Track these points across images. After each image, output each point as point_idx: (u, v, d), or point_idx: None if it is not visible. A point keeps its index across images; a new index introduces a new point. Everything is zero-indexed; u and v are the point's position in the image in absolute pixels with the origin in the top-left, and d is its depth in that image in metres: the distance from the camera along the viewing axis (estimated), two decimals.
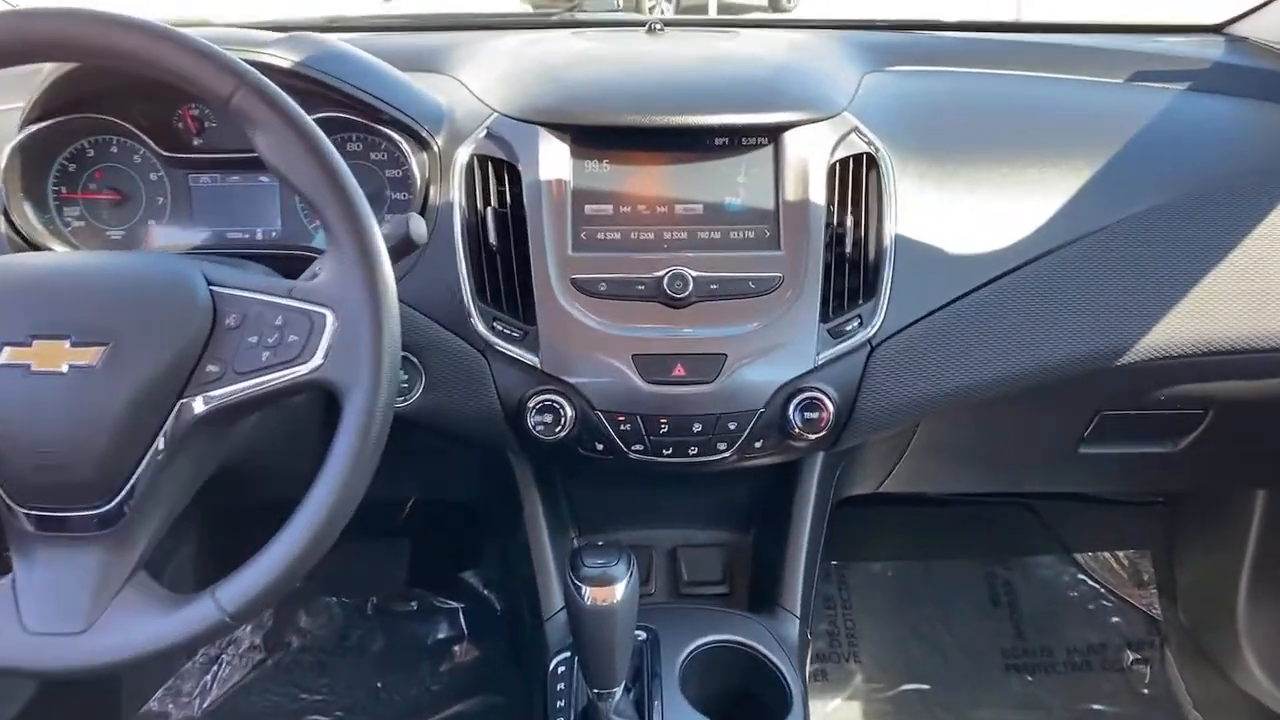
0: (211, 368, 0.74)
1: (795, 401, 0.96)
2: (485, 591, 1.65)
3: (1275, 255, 1.04)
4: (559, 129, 1.00)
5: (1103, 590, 1.72)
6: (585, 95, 1.02)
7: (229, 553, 0.80)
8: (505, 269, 0.98)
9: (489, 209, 0.99)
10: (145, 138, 1.03)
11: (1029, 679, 1.63)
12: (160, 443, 0.74)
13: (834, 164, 1.00)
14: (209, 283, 0.76)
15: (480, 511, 1.53)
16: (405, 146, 1.02)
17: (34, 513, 0.74)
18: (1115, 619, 1.69)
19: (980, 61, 1.25)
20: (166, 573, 1.46)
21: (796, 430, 0.96)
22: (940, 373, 1.00)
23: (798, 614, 1.07)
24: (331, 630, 1.59)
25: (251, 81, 0.73)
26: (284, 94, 0.74)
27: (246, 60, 0.78)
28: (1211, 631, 1.57)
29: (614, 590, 0.87)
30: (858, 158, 1.01)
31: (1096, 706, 1.59)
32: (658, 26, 1.26)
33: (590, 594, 0.87)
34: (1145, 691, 1.62)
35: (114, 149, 1.04)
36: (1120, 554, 1.72)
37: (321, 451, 0.73)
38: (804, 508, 1.09)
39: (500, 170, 1.00)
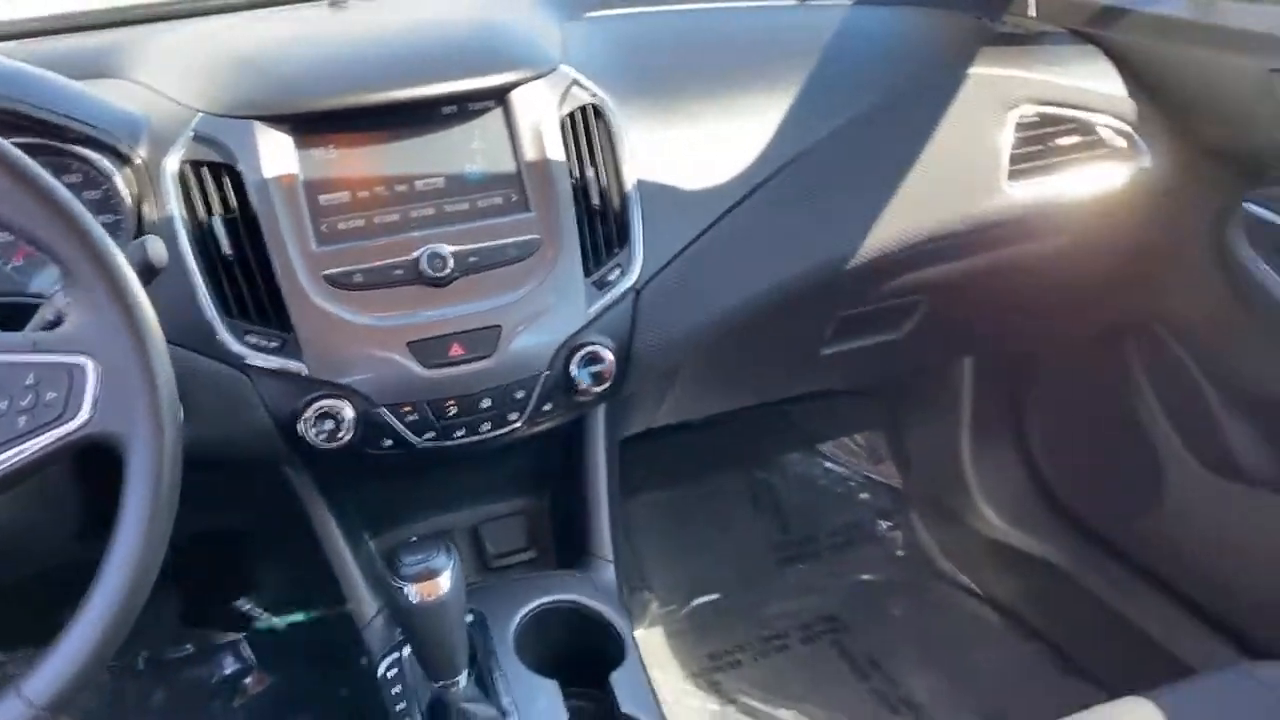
0: None
1: (576, 358, 0.97)
2: (266, 616, 1.57)
3: (954, 147, 1.16)
4: (276, 120, 0.93)
5: (848, 473, 1.89)
6: (299, 80, 0.96)
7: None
8: (247, 277, 0.92)
9: (215, 217, 0.92)
10: None
11: (801, 567, 1.76)
12: None
13: (564, 119, 1.01)
14: None
15: (251, 535, 1.43)
16: (103, 164, 0.92)
17: None
18: (863, 495, 1.87)
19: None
20: None
21: (582, 386, 0.97)
22: (702, 304, 1.05)
23: (610, 558, 1.09)
24: (101, 698, 1.45)
25: None
26: None
27: None
28: (945, 489, 1.77)
29: (439, 583, 0.85)
30: (584, 109, 1.02)
31: (864, 577, 1.76)
32: (341, 1, 1.21)
33: (417, 591, 0.85)
34: (900, 554, 1.81)
35: None
36: (858, 437, 1.90)
37: (85, 511, 0.67)
38: (596, 456, 1.11)
39: (218, 173, 0.93)
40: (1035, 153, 1.19)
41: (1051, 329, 1.49)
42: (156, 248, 0.77)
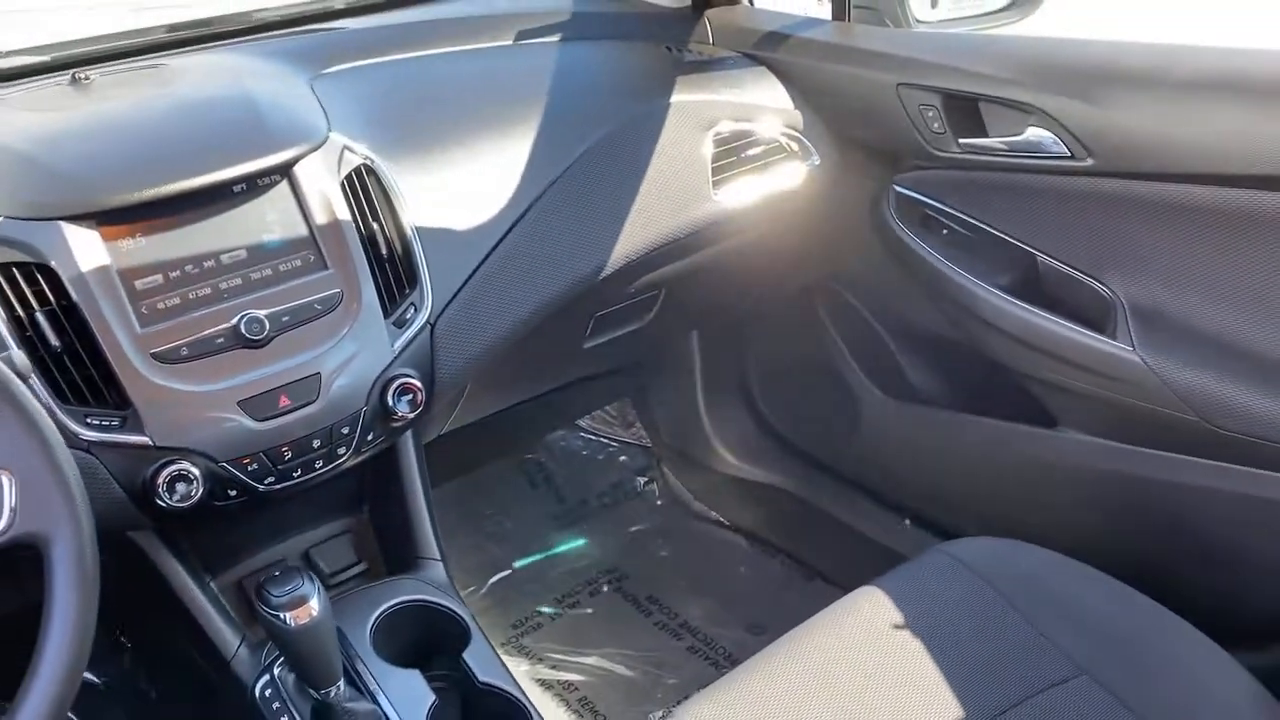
0: None
1: (390, 390, 1.11)
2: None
3: (668, 167, 1.38)
4: (80, 218, 1.00)
5: (604, 440, 2.13)
6: (96, 178, 1.02)
7: None
8: (77, 364, 0.98)
9: (36, 313, 0.98)
10: None
11: (579, 529, 1.98)
12: None
13: (343, 182, 1.14)
14: None
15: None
16: None
17: None
18: (622, 458, 2.11)
19: (386, 49, 1.43)
20: None
21: (399, 414, 1.12)
22: (488, 326, 1.21)
23: (438, 557, 1.25)
24: None
25: None
26: None
27: None
28: (688, 441, 2.04)
29: (311, 606, 0.98)
30: (358, 170, 1.15)
31: (633, 528, 2.00)
32: (82, 77, 1.25)
33: (292, 617, 0.98)
34: (659, 502, 2.06)
35: None
36: (610, 409, 2.13)
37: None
38: (410, 470, 1.26)
39: (29, 272, 0.99)
40: (731, 163, 1.44)
41: (759, 297, 1.78)
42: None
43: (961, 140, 1.38)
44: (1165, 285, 1.25)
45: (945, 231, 1.47)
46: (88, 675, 1.63)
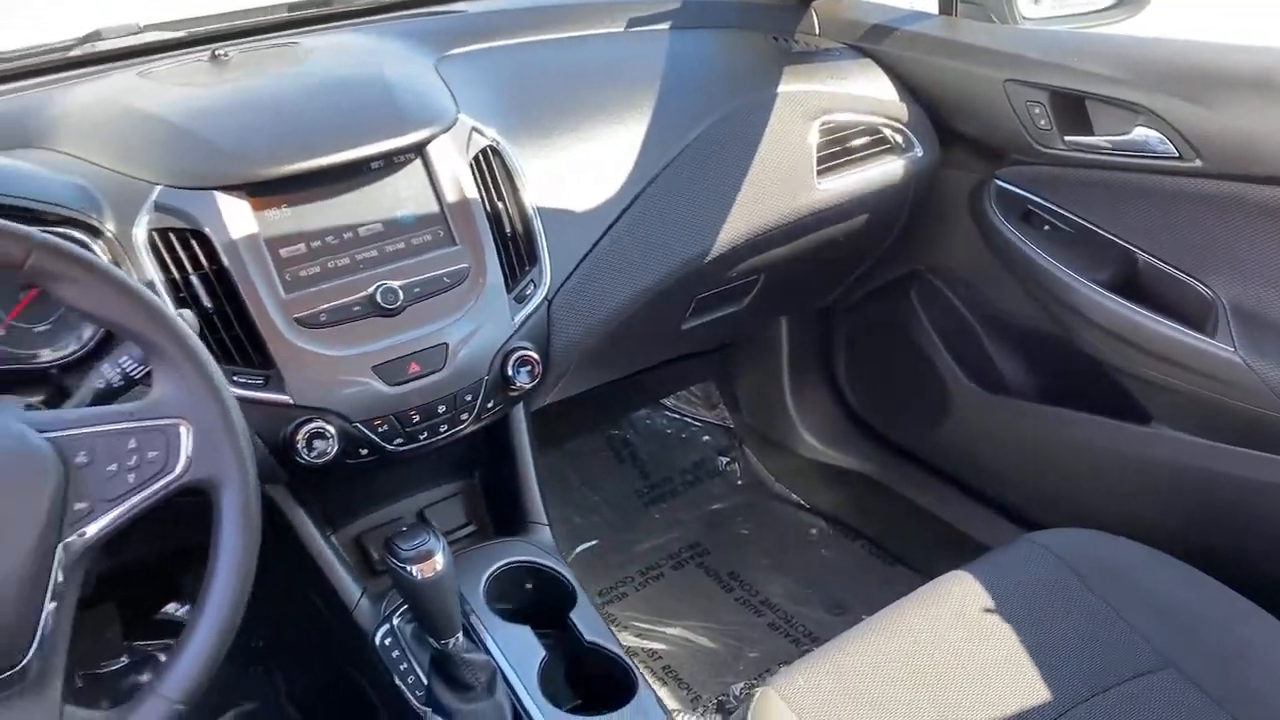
0: (79, 505, 0.79)
1: (510, 361, 1.17)
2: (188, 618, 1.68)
3: (775, 155, 1.42)
4: (233, 189, 1.07)
5: (688, 419, 2.18)
6: (248, 153, 1.09)
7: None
8: (225, 325, 1.06)
9: (191, 276, 1.05)
10: None
11: (664, 506, 2.04)
12: (51, 591, 0.78)
13: (471, 162, 1.20)
14: (40, 431, 0.79)
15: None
16: (81, 241, 1.03)
17: None
18: (705, 438, 2.15)
19: (504, 33, 1.48)
20: None
21: (517, 384, 1.18)
22: (600, 304, 1.27)
23: (545, 522, 1.31)
24: None
25: (41, 243, 0.77)
26: (72, 246, 0.79)
27: None
28: (771, 424, 2.08)
29: (436, 560, 1.05)
30: (485, 151, 1.21)
31: (714, 507, 2.04)
32: (221, 54, 1.32)
33: (418, 570, 1.04)
34: (740, 482, 2.11)
35: None
36: (694, 389, 2.18)
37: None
38: (522, 439, 1.32)
39: (185, 238, 1.06)
40: (835, 153, 1.47)
41: (854, 284, 1.81)
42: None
43: (1067, 137, 1.40)
44: (1269, 287, 1.26)
45: (1046, 227, 1.49)
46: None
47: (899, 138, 1.53)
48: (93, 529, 0.80)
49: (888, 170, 1.52)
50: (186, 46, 1.41)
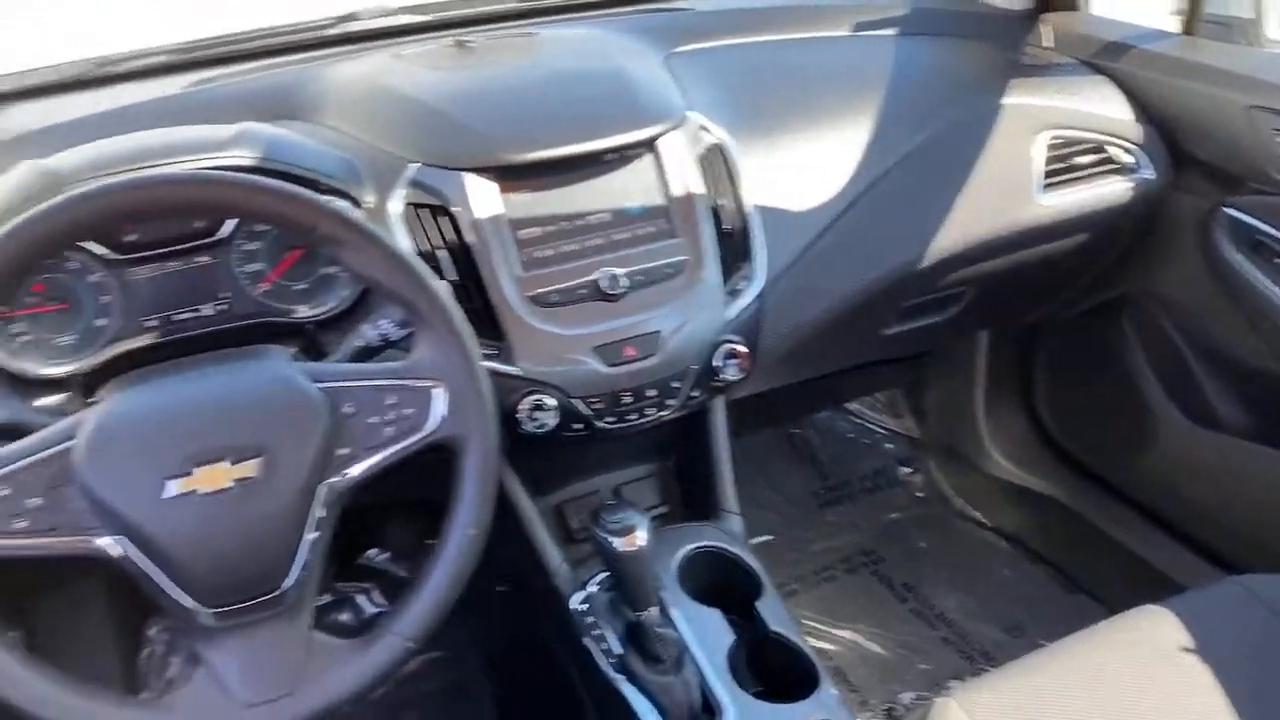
0: (341, 451, 0.88)
1: (719, 353, 1.21)
2: (390, 567, 1.80)
3: (996, 166, 1.41)
4: (483, 170, 1.15)
5: (871, 426, 2.17)
6: (497, 138, 1.17)
7: None
8: (465, 298, 1.13)
9: (438, 250, 1.13)
10: (80, 244, 1.07)
11: (840, 509, 2.04)
12: (312, 524, 0.87)
13: (698, 158, 1.24)
14: (314, 380, 0.88)
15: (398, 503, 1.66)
16: None
17: (216, 610, 0.85)
18: (887, 446, 2.15)
19: (731, 32, 1.52)
20: None
21: (723, 376, 1.22)
22: (810, 305, 1.30)
23: (737, 511, 1.35)
24: None
25: (331, 211, 0.85)
26: (359, 216, 0.87)
27: (215, 166, 0.90)
28: (959, 437, 2.05)
29: (638, 535, 1.10)
30: (710, 149, 1.26)
31: (892, 516, 2.04)
32: (466, 41, 1.41)
33: (622, 543, 1.09)
34: (920, 494, 2.09)
35: (48, 260, 1.07)
36: (879, 395, 2.18)
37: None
38: (720, 428, 1.35)
39: (435, 214, 1.14)
40: (1059, 169, 1.44)
41: (1064, 304, 1.77)
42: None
43: None
44: None
45: (1278, 259, 1.42)
46: (394, 567, 1.87)
47: (1128, 158, 1.49)
48: (352, 473, 0.88)
49: (1113, 190, 1.48)
50: (432, 30, 1.51)
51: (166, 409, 0.85)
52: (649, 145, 1.22)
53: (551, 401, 1.15)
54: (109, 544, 0.81)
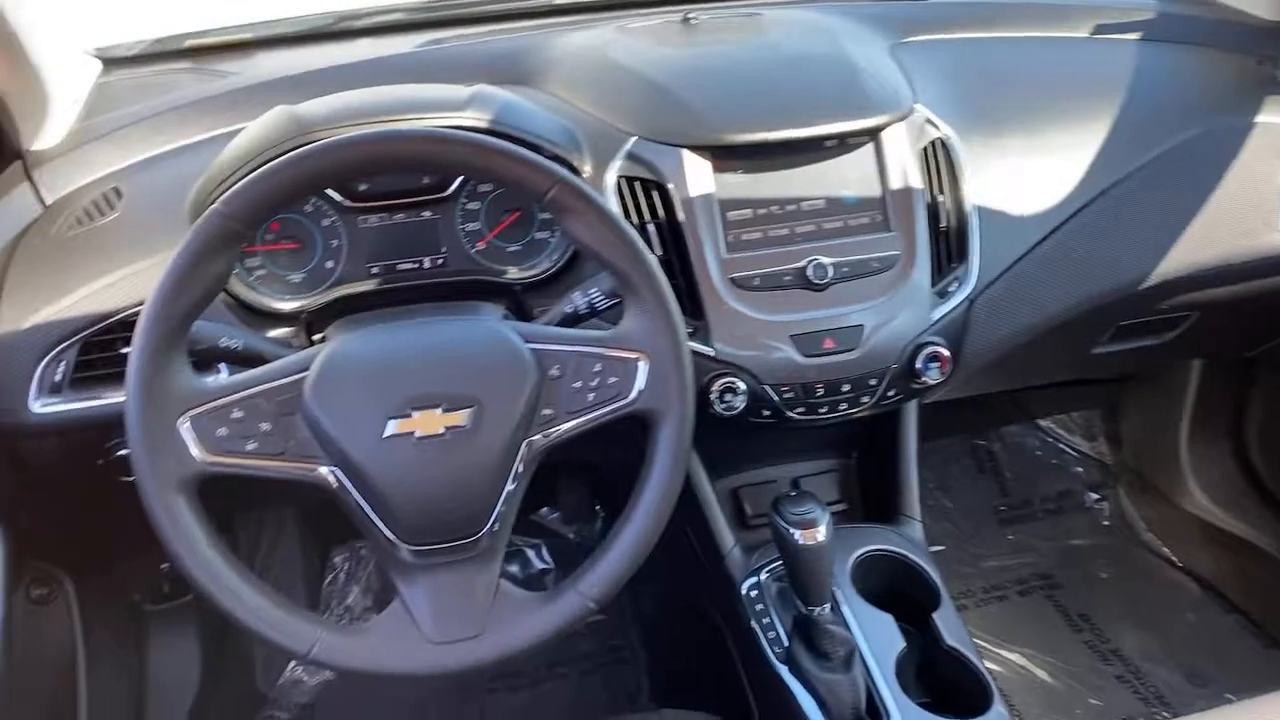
0: (545, 411, 0.90)
1: (920, 355, 1.18)
2: (560, 528, 1.85)
3: (1237, 188, 1.31)
4: (699, 149, 1.15)
5: (1062, 447, 2.08)
6: (717, 117, 1.17)
7: None
8: (666, 274, 1.14)
9: (648, 225, 1.15)
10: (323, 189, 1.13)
11: (1018, 528, 1.97)
12: (511, 477, 0.90)
13: (920, 152, 1.20)
14: (525, 341, 0.91)
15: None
16: None
17: (416, 547, 0.89)
18: (1076, 469, 2.05)
19: (964, 25, 1.46)
20: None
21: (923, 379, 1.18)
22: (1022, 314, 1.25)
23: (919, 518, 1.31)
24: None
25: (563, 179, 0.87)
26: (588, 187, 0.89)
27: (451, 126, 0.93)
28: (1157, 469, 1.94)
29: (818, 530, 1.08)
30: (934, 143, 1.22)
31: (1074, 542, 1.95)
32: (692, 18, 1.41)
33: (800, 535, 1.08)
34: (1106, 524, 1.99)
35: (295, 201, 1.13)
36: (1074, 415, 2.08)
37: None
38: (909, 429, 1.32)
39: (648, 188, 1.15)
40: None
41: None
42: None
43: None
44: None
45: None
46: (563, 528, 1.92)
47: None
48: (552, 434, 0.91)
49: None
50: (659, 5, 1.52)
51: (392, 352, 0.89)
52: (872, 135, 1.19)
53: (743, 385, 1.14)
54: (328, 473, 0.86)
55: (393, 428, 0.86)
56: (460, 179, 1.16)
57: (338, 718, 1.70)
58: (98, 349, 1.09)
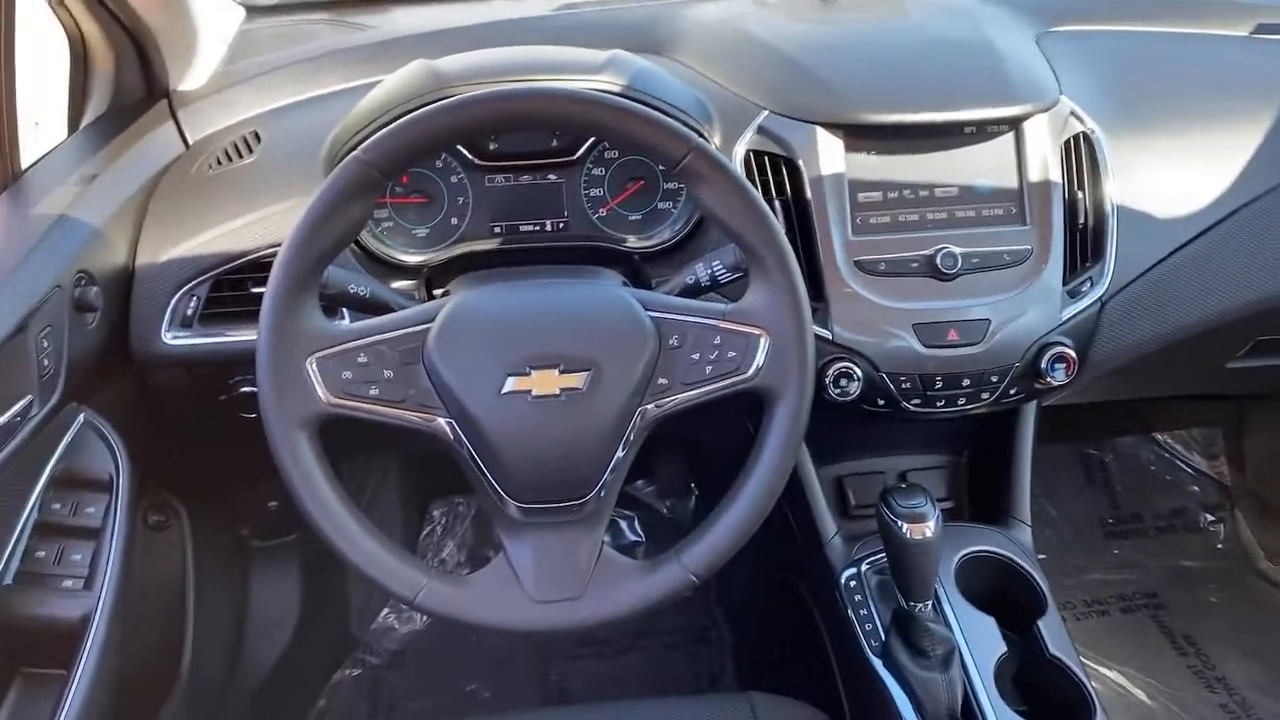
0: (661, 380, 0.89)
1: (1046, 355, 1.14)
2: (654, 501, 1.85)
3: None
4: (832, 127, 1.13)
5: (1179, 463, 1.99)
6: (853, 95, 1.14)
7: None
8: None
9: (775, 200, 1.13)
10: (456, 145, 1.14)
11: (1126, 543, 1.90)
12: (622, 444, 0.90)
13: (1062, 145, 1.16)
14: (645, 309, 0.90)
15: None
16: None
17: (524, 505, 0.90)
18: (1192, 487, 1.96)
19: (1114, 17, 1.40)
20: None
21: (1047, 379, 1.14)
22: (1155, 320, 1.19)
23: (1028, 521, 1.28)
24: None
25: (699, 147, 0.86)
26: (723, 156, 0.88)
27: (590, 88, 0.92)
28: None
29: (927, 526, 1.06)
30: (1077, 137, 1.17)
31: (1184, 563, 1.87)
32: None
33: (908, 529, 1.05)
34: (1220, 546, 1.91)
35: (431, 155, 1.14)
36: (1195, 431, 1.99)
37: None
38: (1026, 430, 1.28)
39: (777, 163, 1.14)
40: None
41: None
42: None
43: None
44: None
45: None
46: (657, 502, 1.92)
47: None
48: (666, 403, 0.90)
49: None
50: None
51: (515, 310, 0.90)
52: (1013, 124, 1.15)
53: (859, 372, 1.12)
54: (445, 425, 0.87)
55: (511, 384, 0.86)
56: (588, 144, 1.16)
57: (425, 665, 1.74)
58: (228, 287, 1.12)
